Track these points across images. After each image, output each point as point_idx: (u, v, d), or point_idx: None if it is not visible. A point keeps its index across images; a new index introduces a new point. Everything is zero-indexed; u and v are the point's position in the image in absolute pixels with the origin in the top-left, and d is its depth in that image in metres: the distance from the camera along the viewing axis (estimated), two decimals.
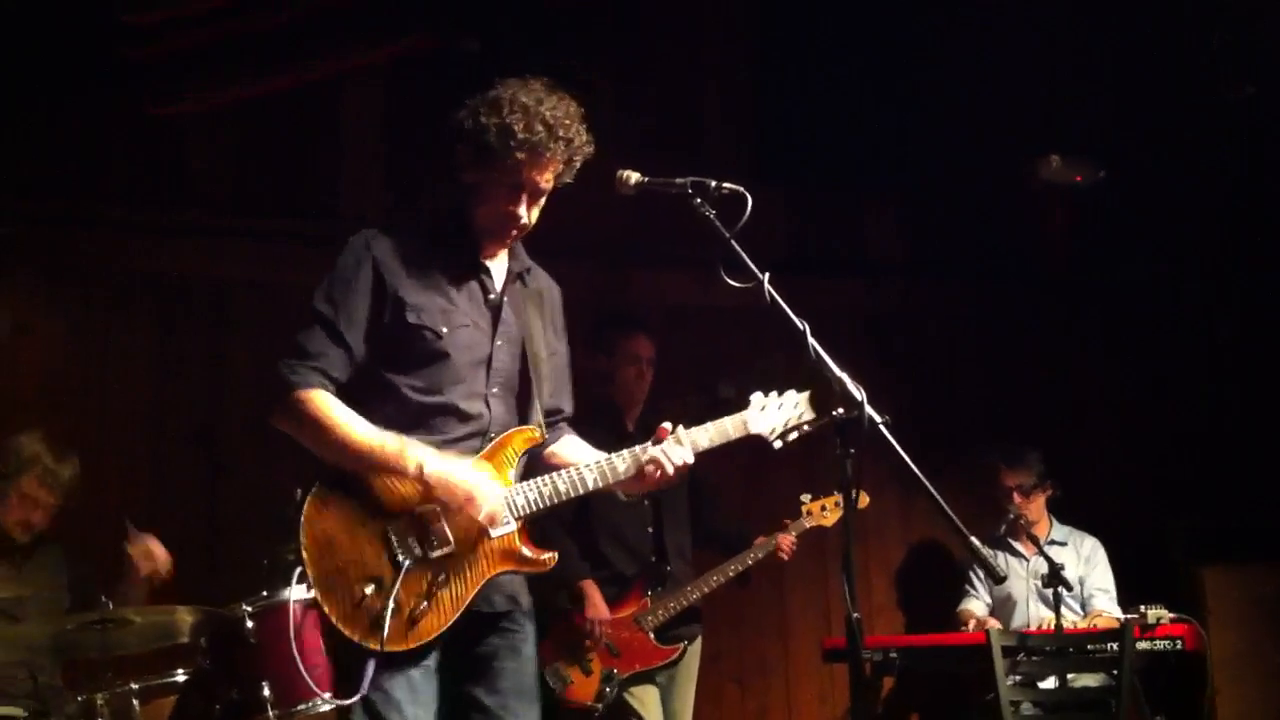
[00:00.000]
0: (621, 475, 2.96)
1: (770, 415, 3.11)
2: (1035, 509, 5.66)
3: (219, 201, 5.33)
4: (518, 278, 3.06)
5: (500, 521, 2.85)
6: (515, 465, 2.95)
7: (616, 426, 4.89)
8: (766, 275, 2.66)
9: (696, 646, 4.97)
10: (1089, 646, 4.87)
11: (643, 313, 5.37)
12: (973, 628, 5.43)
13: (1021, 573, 5.60)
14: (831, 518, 4.96)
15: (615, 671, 4.66)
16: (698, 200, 2.79)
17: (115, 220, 5.16)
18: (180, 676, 3.99)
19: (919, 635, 5.70)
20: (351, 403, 2.83)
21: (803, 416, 3.12)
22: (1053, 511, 5.76)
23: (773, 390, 3.15)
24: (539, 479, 2.92)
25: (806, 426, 3.12)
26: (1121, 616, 5.06)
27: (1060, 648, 4.81)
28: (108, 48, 4.70)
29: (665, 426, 3.00)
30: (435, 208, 3.05)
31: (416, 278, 2.90)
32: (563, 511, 3.32)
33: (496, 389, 2.96)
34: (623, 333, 5.01)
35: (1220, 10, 5.50)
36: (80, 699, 3.87)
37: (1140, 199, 6.25)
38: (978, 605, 5.68)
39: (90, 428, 4.85)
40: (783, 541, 4.94)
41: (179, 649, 4.08)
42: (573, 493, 2.93)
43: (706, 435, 3.03)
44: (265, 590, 3.73)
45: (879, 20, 6.07)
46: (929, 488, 2.54)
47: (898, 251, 6.61)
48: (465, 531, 2.83)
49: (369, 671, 2.70)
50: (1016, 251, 6.58)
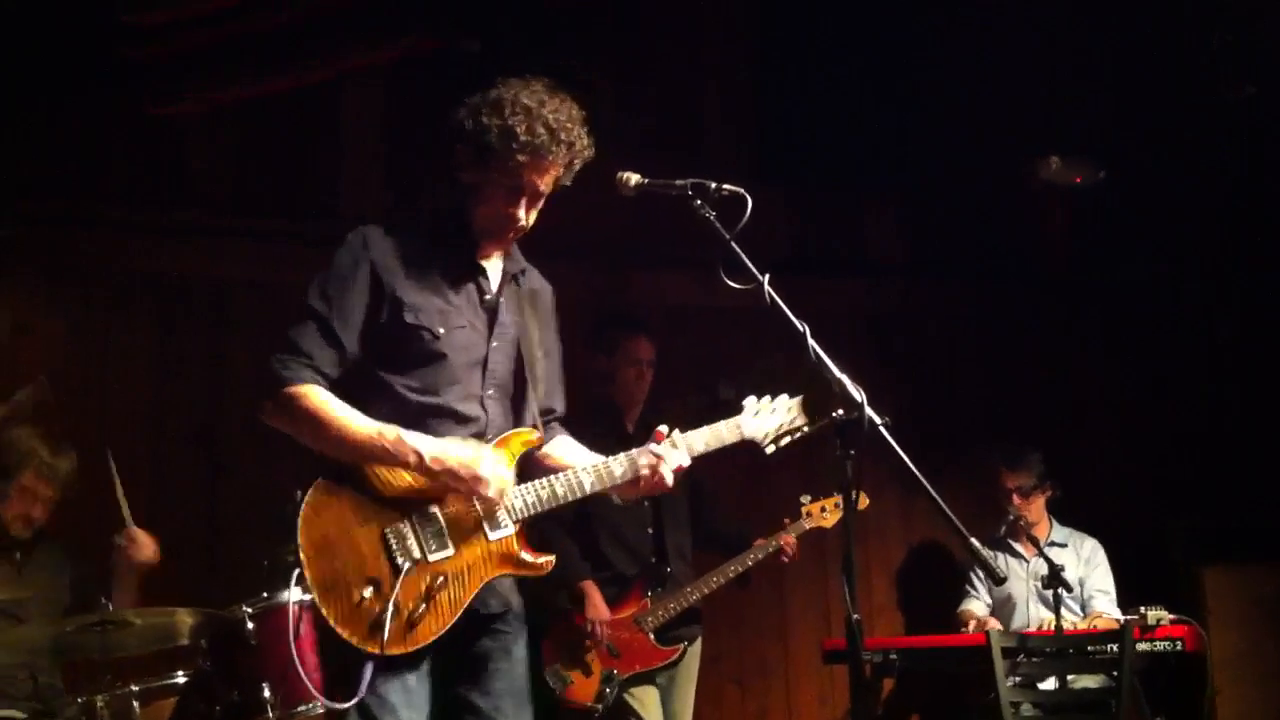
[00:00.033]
0: (618, 479, 2.96)
1: (764, 420, 3.12)
2: (1035, 510, 5.65)
3: (219, 201, 5.33)
4: (513, 279, 3.05)
5: (509, 496, 2.85)
6: (513, 467, 2.94)
7: (616, 427, 4.89)
8: (766, 277, 2.66)
9: (696, 647, 4.97)
10: (1089, 648, 4.87)
11: (643, 313, 5.37)
12: (973, 628, 5.42)
13: (1021, 574, 5.59)
14: (831, 519, 4.95)
15: (615, 672, 4.66)
16: (698, 202, 2.79)
17: (115, 220, 5.15)
18: (180, 678, 3.99)
19: (919, 636, 5.71)
20: (346, 400, 2.82)
21: (795, 422, 3.14)
22: (1053, 512, 5.75)
23: (766, 395, 3.16)
24: (537, 482, 2.92)
25: (799, 432, 3.14)
26: (1121, 618, 5.05)
27: (1060, 649, 4.81)
28: (108, 48, 4.70)
29: (662, 429, 3.00)
30: (433, 207, 3.03)
31: (414, 277, 2.88)
32: (563, 512, 3.32)
33: (492, 391, 2.95)
34: (623, 333, 5.01)
35: (1220, 10, 5.50)
36: (80, 701, 3.87)
37: (1140, 199, 6.25)
38: (978, 606, 5.67)
39: (90, 428, 4.84)
40: (786, 542, 4.94)
41: (179, 651, 4.07)
42: (570, 496, 2.93)
43: (702, 439, 3.04)
44: (265, 592, 3.73)
45: (879, 20, 6.07)
46: (929, 489, 2.54)
47: (898, 251, 6.61)
48: (465, 534, 2.83)
49: (366, 674, 2.69)
50: (1016, 251, 6.58)
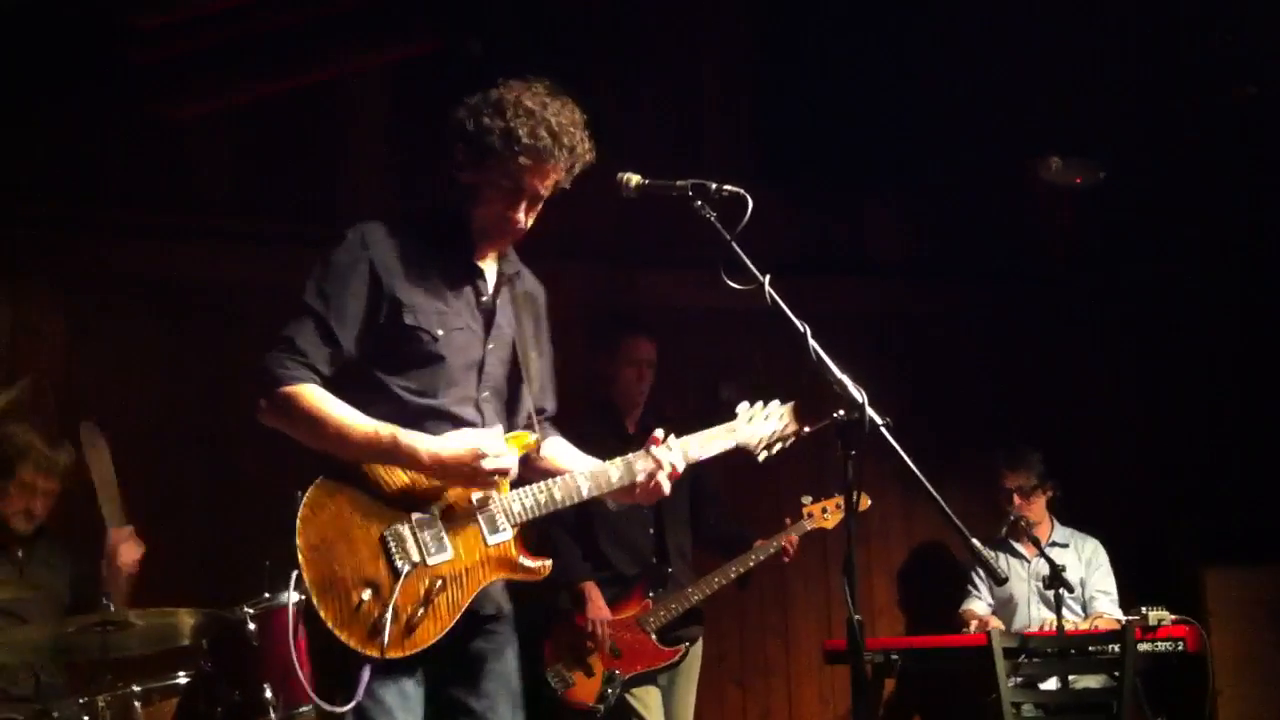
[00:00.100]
0: (615, 484, 2.97)
1: (757, 427, 3.13)
2: (1036, 510, 5.65)
3: (221, 204, 5.33)
4: (509, 281, 3.04)
5: (508, 499, 2.85)
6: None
7: (617, 428, 4.90)
8: (767, 277, 2.66)
9: (698, 648, 4.97)
10: (1090, 648, 4.88)
11: (644, 314, 5.37)
12: (975, 628, 5.42)
13: (1023, 574, 5.60)
14: (833, 520, 4.95)
15: (617, 673, 4.66)
16: (698, 202, 2.79)
17: (117, 222, 5.15)
18: (182, 679, 3.99)
19: (920, 637, 5.71)
20: (342, 399, 2.80)
21: (787, 428, 3.16)
22: (1054, 513, 5.76)
23: (759, 401, 3.18)
24: (535, 486, 2.92)
25: (791, 439, 3.17)
26: (1123, 618, 5.05)
27: (1062, 649, 4.81)
28: (110, 49, 4.70)
29: (658, 434, 3.01)
30: (431, 207, 3.02)
31: (413, 278, 2.86)
32: (564, 512, 3.33)
33: (487, 393, 2.94)
34: (623, 334, 5.02)
35: (1220, 10, 5.50)
36: (82, 701, 3.86)
37: (1141, 199, 6.25)
38: (980, 605, 5.67)
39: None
40: (787, 541, 4.94)
41: (180, 651, 4.07)
42: (568, 502, 2.94)
43: (697, 445, 3.06)
44: (267, 592, 3.72)
45: (879, 20, 6.07)
46: (930, 489, 2.54)
47: (898, 251, 6.61)
48: (463, 538, 2.83)
49: (364, 678, 2.67)
50: (1017, 251, 6.58)
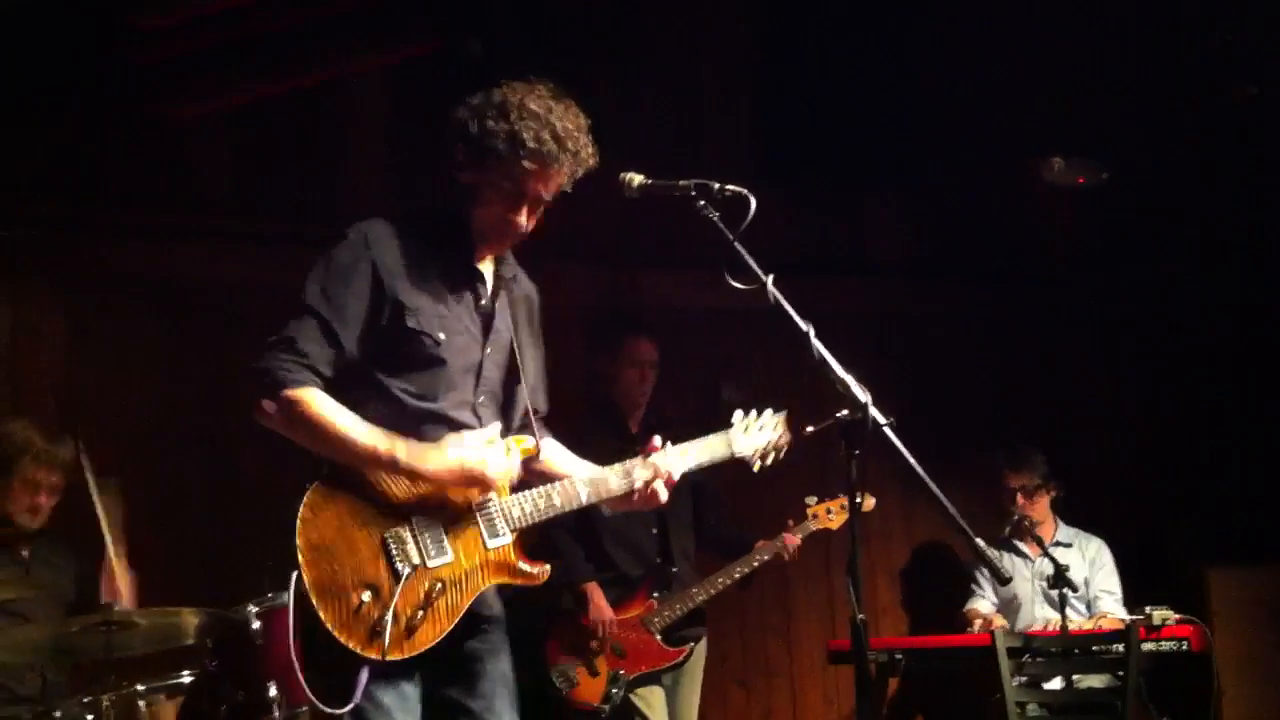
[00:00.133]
0: (614, 491, 2.98)
1: (753, 437, 3.17)
2: (1039, 510, 5.65)
3: (221, 204, 5.33)
4: (506, 284, 3.02)
5: (515, 475, 2.85)
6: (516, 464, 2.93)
7: (620, 428, 4.90)
8: (770, 277, 2.66)
9: (702, 648, 4.97)
10: (1094, 647, 4.87)
11: (645, 315, 5.37)
12: (978, 627, 5.42)
13: (1026, 574, 5.59)
14: (837, 520, 4.94)
15: (621, 673, 4.66)
16: (701, 202, 2.78)
17: (117, 222, 5.14)
18: (186, 678, 3.99)
19: (924, 636, 5.71)
20: (341, 399, 2.77)
21: (781, 438, 3.20)
22: (1058, 513, 5.76)
23: (753, 410, 3.21)
24: (535, 491, 2.92)
25: (785, 449, 3.21)
26: (1127, 617, 5.05)
27: (1065, 649, 4.81)
28: (112, 50, 4.69)
29: (655, 442, 3.01)
30: (431, 207, 2.99)
31: (415, 280, 2.84)
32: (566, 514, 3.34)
33: (483, 398, 2.93)
34: (625, 335, 5.01)
35: (1220, 10, 5.50)
36: (86, 700, 3.87)
37: (1141, 199, 6.25)
38: (984, 604, 5.67)
39: (96, 432, 4.83)
40: (788, 543, 4.93)
41: (184, 651, 4.08)
42: (566, 508, 2.94)
43: (694, 454, 3.08)
44: (271, 592, 3.72)
45: (879, 20, 6.07)
46: (934, 489, 2.53)
47: (898, 251, 6.61)
48: (464, 541, 2.82)
49: (362, 680, 2.66)
50: (1017, 251, 6.58)
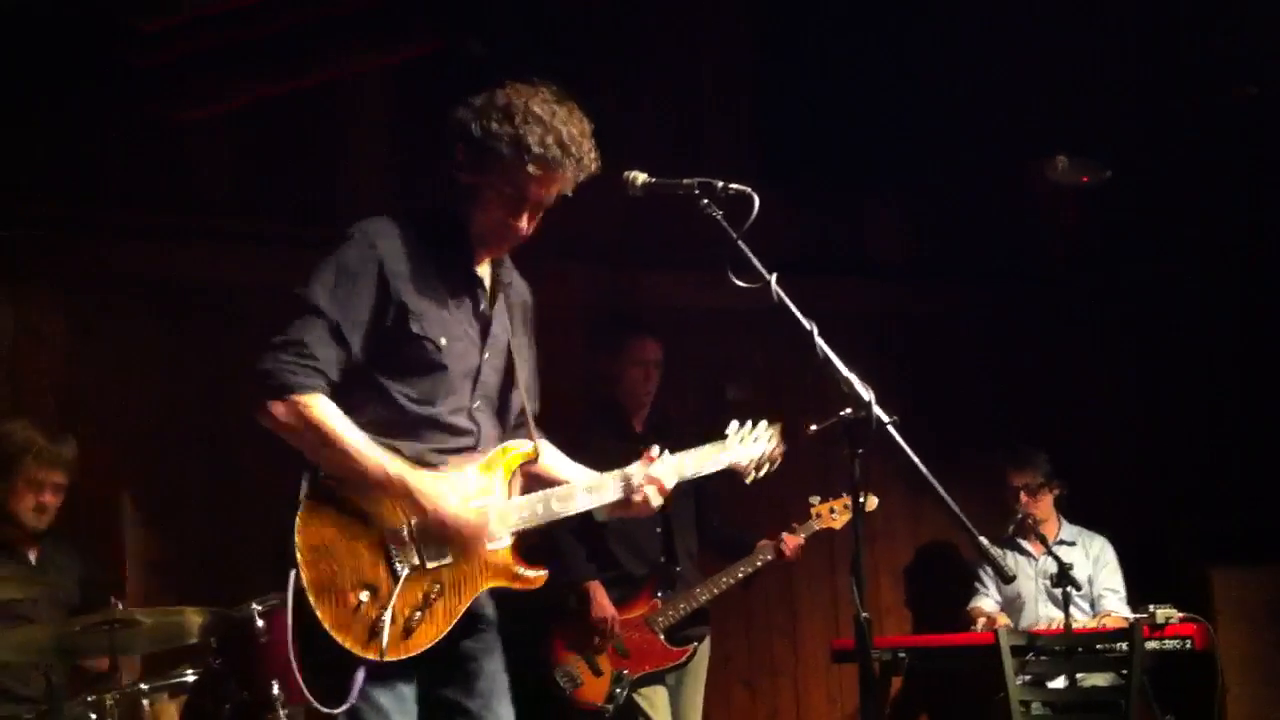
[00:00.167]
0: (611, 497, 2.98)
1: (747, 448, 3.18)
2: (1043, 508, 5.65)
3: (221, 204, 5.32)
4: (503, 288, 3.00)
5: (498, 537, 2.83)
6: (509, 480, 2.93)
7: (623, 428, 4.90)
8: (774, 276, 2.66)
9: (705, 647, 4.96)
10: (1098, 646, 4.87)
11: (648, 315, 5.36)
12: (982, 625, 5.42)
13: (1030, 572, 5.59)
14: (840, 520, 4.94)
15: (625, 673, 4.65)
16: (705, 201, 2.77)
17: (117, 223, 5.14)
18: (190, 676, 3.99)
19: (927, 635, 5.70)
20: (339, 401, 2.75)
21: (775, 450, 3.21)
22: (1061, 511, 5.75)
23: (749, 422, 3.22)
24: (534, 496, 2.92)
25: (779, 460, 3.23)
26: (1131, 616, 5.04)
27: (1069, 647, 4.80)
28: (113, 52, 4.69)
29: (652, 451, 3.02)
30: (431, 207, 2.97)
31: (418, 283, 2.82)
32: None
33: (479, 403, 2.91)
34: (628, 335, 5.01)
35: (1220, 10, 5.50)
36: (90, 699, 3.86)
37: (1141, 199, 6.25)
38: (987, 603, 5.67)
39: (96, 432, 4.84)
40: (788, 543, 4.93)
41: (187, 650, 4.08)
42: (564, 513, 2.95)
43: (690, 464, 3.08)
44: (271, 591, 3.72)
45: (879, 20, 6.07)
46: (937, 488, 2.52)
47: (898, 251, 6.61)
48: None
49: (358, 681, 2.65)
50: (1018, 251, 6.58)
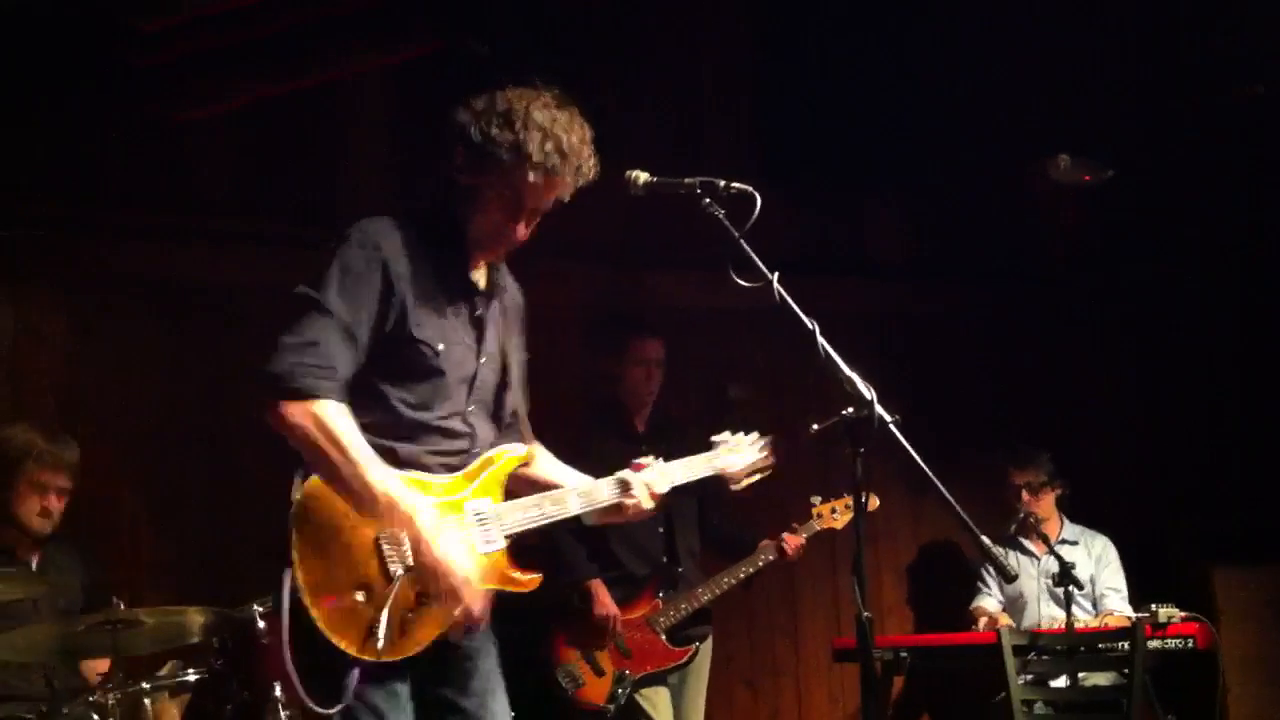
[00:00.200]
0: (605, 501, 2.99)
1: (736, 457, 3.21)
2: (1044, 507, 5.65)
3: (221, 204, 5.32)
4: (498, 293, 2.99)
5: (478, 623, 2.78)
6: (504, 484, 2.93)
7: (625, 428, 4.90)
8: (776, 275, 2.65)
9: (707, 647, 4.96)
10: (1100, 645, 4.87)
11: (649, 315, 5.36)
12: (984, 625, 5.42)
13: (1032, 571, 5.59)
14: (841, 520, 4.94)
15: (627, 673, 4.65)
16: (706, 200, 2.77)
17: (118, 223, 5.14)
18: (191, 676, 3.99)
19: (929, 635, 5.70)
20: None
21: (764, 461, 3.23)
22: (1063, 511, 5.75)
23: (739, 431, 3.24)
24: (528, 500, 2.92)
25: (768, 470, 3.25)
26: (1133, 616, 5.04)
27: (1072, 647, 4.80)
28: (113, 52, 4.69)
29: (641, 461, 3.04)
30: (429, 208, 2.95)
31: (417, 287, 2.79)
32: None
33: (474, 407, 2.90)
34: (630, 334, 5.01)
35: (1220, 10, 5.49)
36: (91, 699, 3.86)
37: (1141, 199, 6.24)
38: (990, 602, 5.67)
39: (96, 432, 4.84)
40: (789, 543, 4.93)
41: (190, 650, 4.08)
42: (558, 517, 2.95)
43: (681, 472, 3.11)
44: (267, 591, 3.71)
45: (879, 20, 6.07)
46: (939, 487, 2.52)
47: (899, 251, 6.61)
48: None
49: (352, 681, 2.63)
50: (1017, 251, 6.57)
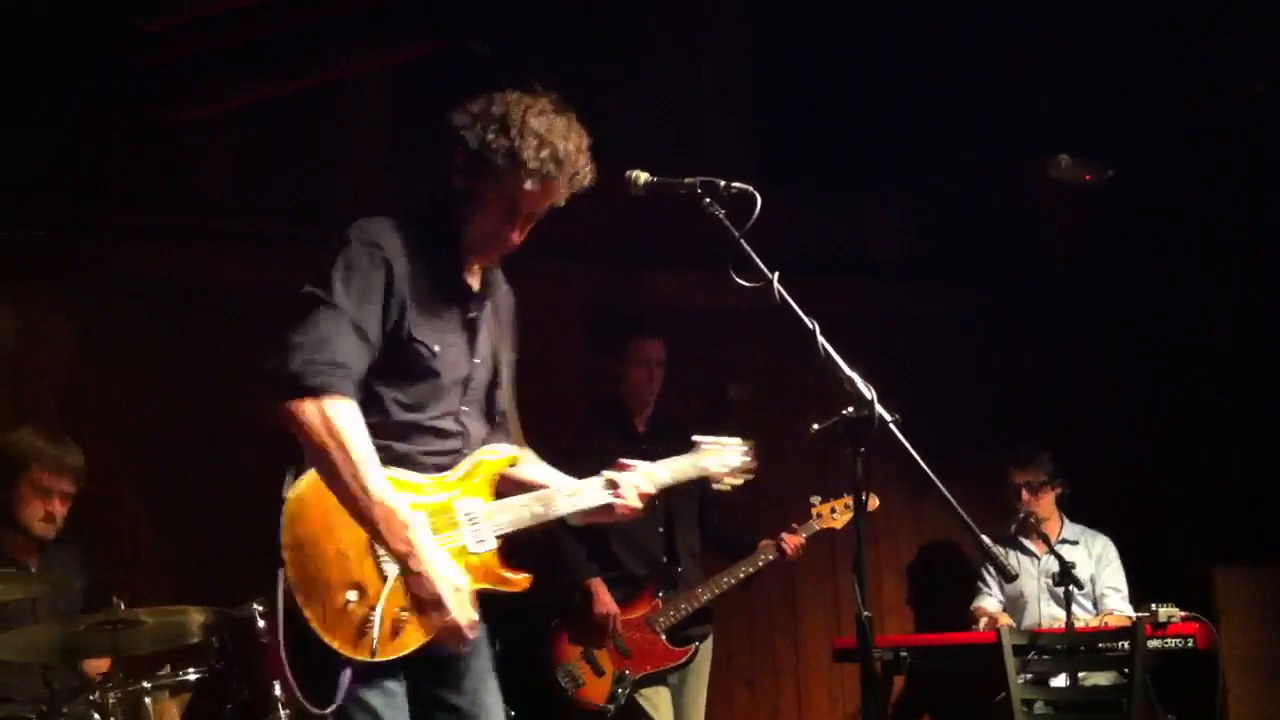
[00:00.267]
0: (594, 503, 2.99)
1: (719, 459, 3.26)
2: (1045, 506, 5.65)
3: (221, 204, 5.32)
4: (491, 295, 2.99)
5: (467, 634, 2.73)
6: (494, 484, 2.93)
7: (626, 428, 4.90)
8: (776, 275, 2.65)
9: (707, 646, 4.96)
10: (1100, 645, 4.86)
11: (649, 315, 5.36)
12: (985, 625, 5.42)
13: (1033, 571, 5.59)
14: (841, 519, 4.94)
15: (627, 673, 4.65)
16: (707, 200, 2.77)
17: (118, 224, 5.14)
18: (192, 675, 3.99)
19: (929, 634, 5.70)
20: None
21: (746, 464, 3.29)
22: (1064, 510, 5.75)
23: (724, 435, 3.29)
24: (517, 500, 2.92)
25: (752, 474, 3.31)
26: (1133, 615, 5.03)
27: (1072, 646, 4.79)
28: (113, 52, 4.69)
29: (627, 461, 3.06)
30: (427, 209, 2.94)
31: (415, 288, 2.79)
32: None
33: (468, 408, 2.91)
34: (631, 334, 5.01)
35: (1220, 10, 5.49)
36: (92, 698, 3.86)
37: (1141, 199, 6.24)
38: (990, 602, 5.67)
39: (97, 432, 4.84)
40: (789, 543, 4.92)
41: (190, 649, 4.08)
42: (547, 518, 2.95)
43: (667, 473, 3.13)
44: (261, 591, 3.71)
45: (879, 20, 6.07)
46: (940, 487, 2.52)
47: (899, 251, 6.60)
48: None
49: (344, 681, 2.62)
50: (1017, 251, 6.57)
